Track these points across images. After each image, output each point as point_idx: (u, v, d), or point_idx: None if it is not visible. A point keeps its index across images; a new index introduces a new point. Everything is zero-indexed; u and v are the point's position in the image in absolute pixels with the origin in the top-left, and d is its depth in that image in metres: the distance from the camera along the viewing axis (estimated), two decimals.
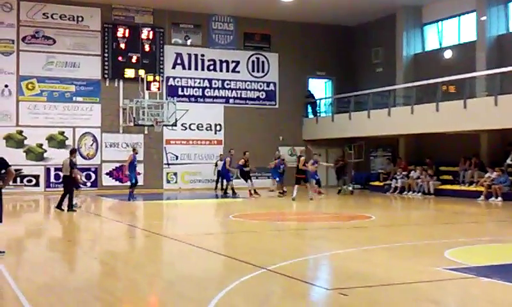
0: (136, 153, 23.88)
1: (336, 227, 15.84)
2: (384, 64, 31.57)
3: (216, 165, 29.35)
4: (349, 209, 21.42)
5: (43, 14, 28.08)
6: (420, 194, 25.71)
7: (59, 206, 18.52)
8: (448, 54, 27.70)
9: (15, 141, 27.38)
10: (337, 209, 20.80)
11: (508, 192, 22.36)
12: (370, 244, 12.03)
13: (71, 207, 18.41)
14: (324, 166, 29.00)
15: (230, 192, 25.21)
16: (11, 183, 12.87)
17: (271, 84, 32.54)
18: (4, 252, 10.40)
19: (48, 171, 27.28)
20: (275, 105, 32.59)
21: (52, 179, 27.71)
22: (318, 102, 33.64)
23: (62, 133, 28.32)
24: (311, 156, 26.29)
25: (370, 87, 29.02)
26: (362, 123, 28.51)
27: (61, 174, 19.27)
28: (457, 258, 10.04)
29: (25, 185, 26.64)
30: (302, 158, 24.06)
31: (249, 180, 25.15)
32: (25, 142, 27.64)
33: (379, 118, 27.54)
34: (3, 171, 10.52)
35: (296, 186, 23.17)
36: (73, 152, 19.29)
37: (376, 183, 29.44)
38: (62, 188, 18.96)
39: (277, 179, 26.65)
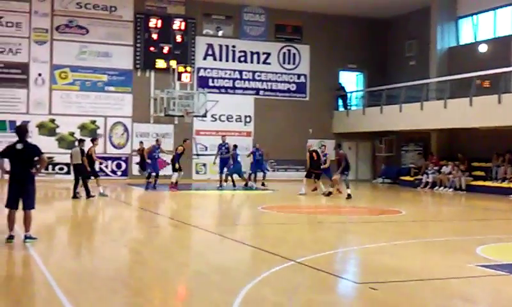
0: (159, 145, 24.08)
1: (365, 221, 15.74)
2: (417, 57, 31.20)
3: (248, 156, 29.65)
4: (379, 203, 21.27)
5: (77, 3, 28.35)
6: (451, 189, 25.38)
7: (75, 196, 18.83)
8: (483, 48, 27.23)
9: (47, 129, 27.74)
10: (367, 203, 20.66)
11: None
12: (400, 239, 11.92)
13: (89, 194, 18.88)
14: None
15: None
16: (43, 170, 13.04)
17: (302, 76, 32.41)
18: (36, 238, 10.54)
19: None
20: (305, 97, 32.46)
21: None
22: (349, 95, 33.43)
23: (94, 122, 28.64)
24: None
25: (403, 81, 28.71)
26: (394, 116, 28.26)
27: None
28: (489, 255, 9.91)
29: (57, 173, 26.91)
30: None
31: (178, 172, 24.07)
32: (58, 130, 28.01)
33: (412, 111, 27.25)
34: (36, 159, 10.67)
35: (305, 180, 22.76)
36: (82, 141, 19.80)
37: (407, 177, 29.16)
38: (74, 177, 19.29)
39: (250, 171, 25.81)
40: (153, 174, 23.58)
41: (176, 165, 23.96)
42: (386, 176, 31.03)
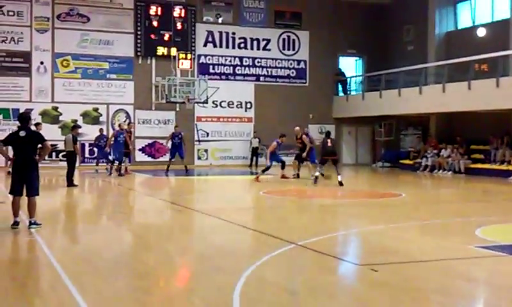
0: (121, 130, 24.08)
1: (366, 204, 15.92)
2: (415, 42, 31.27)
3: (251, 143, 30.24)
4: (379, 187, 21.45)
5: None
6: (450, 172, 25.59)
7: (70, 184, 18.65)
8: (481, 32, 27.30)
9: (50, 116, 27.91)
10: (367, 187, 20.85)
11: None
12: (400, 221, 12.11)
13: (72, 183, 18.69)
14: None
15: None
16: (46, 157, 13.22)
17: (302, 62, 32.52)
18: (40, 224, 10.68)
19: (82, 146, 27.62)
20: (305, 83, 32.59)
21: (87, 154, 28.24)
22: (348, 80, 33.55)
23: (96, 109, 28.82)
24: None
25: (402, 66, 28.83)
26: (393, 101, 28.41)
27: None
28: (489, 236, 10.02)
29: (61, 160, 27.02)
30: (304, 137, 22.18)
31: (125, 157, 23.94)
32: (61, 118, 28.20)
33: (410, 96, 27.40)
34: (39, 146, 10.81)
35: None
36: (75, 128, 19.80)
37: (406, 161, 29.35)
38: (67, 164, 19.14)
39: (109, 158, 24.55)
40: (116, 160, 23.45)
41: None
42: (385, 160, 31.23)
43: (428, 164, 26.95)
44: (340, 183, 19.21)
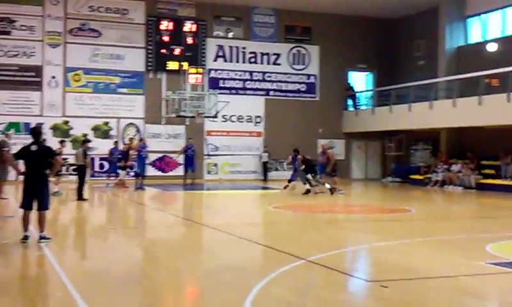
0: (143, 144, 24.51)
1: (375, 219, 15.84)
2: (426, 57, 31.25)
3: (261, 157, 30.65)
4: (388, 202, 21.37)
5: (89, 7, 28.71)
6: (461, 188, 25.47)
7: (80, 198, 18.78)
8: (492, 47, 27.29)
9: (61, 130, 28.03)
10: (377, 202, 20.78)
11: None
12: (410, 237, 12.03)
13: (81, 197, 18.81)
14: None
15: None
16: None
17: (312, 77, 32.56)
18: (50, 238, 10.68)
19: (92, 160, 27.71)
20: (315, 97, 32.61)
21: (97, 168, 28.34)
22: (358, 94, 33.54)
23: (106, 123, 28.95)
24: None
25: (412, 80, 28.80)
26: (403, 116, 28.36)
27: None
28: (499, 253, 9.96)
29: (71, 174, 27.15)
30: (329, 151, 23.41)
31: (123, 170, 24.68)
32: (71, 132, 28.32)
33: (421, 111, 27.35)
34: (50, 160, 10.86)
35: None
36: (85, 142, 19.95)
37: (417, 176, 29.24)
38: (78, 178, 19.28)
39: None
40: (138, 174, 23.70)
41: (122, 163, 24.58)
42: (395, 175, 31.15)
43: (438, 179, 26.85)
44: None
